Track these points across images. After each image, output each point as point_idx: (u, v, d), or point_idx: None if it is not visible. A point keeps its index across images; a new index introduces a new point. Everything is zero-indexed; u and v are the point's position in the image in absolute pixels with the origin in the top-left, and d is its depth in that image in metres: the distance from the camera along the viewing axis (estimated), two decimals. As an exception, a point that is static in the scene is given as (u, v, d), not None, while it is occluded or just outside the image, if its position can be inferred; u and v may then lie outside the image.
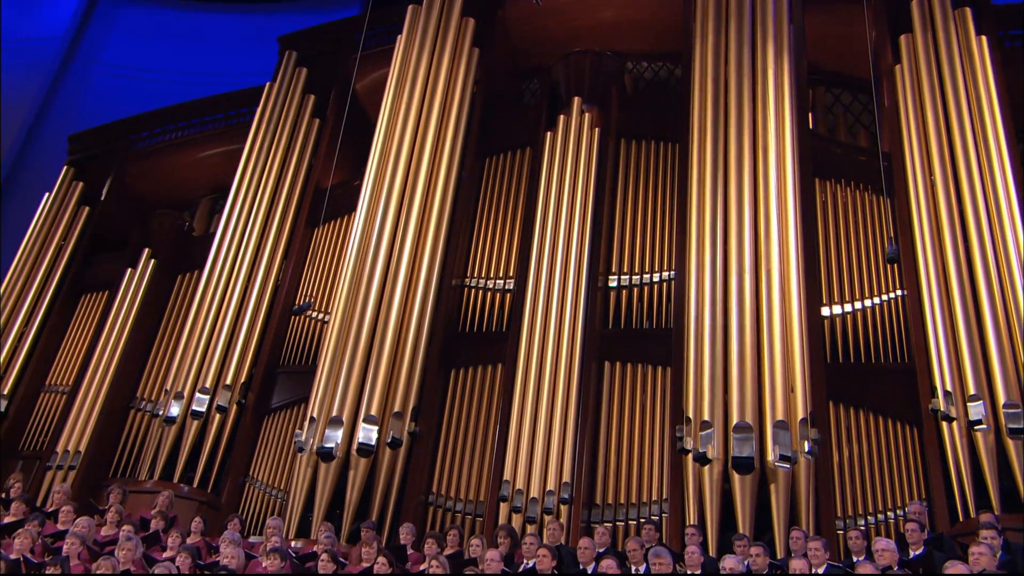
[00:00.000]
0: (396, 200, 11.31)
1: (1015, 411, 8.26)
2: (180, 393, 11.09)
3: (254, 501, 10.94)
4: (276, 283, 12.18)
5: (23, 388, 12.49)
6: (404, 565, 7.69)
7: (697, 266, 10.03)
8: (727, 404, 9.14)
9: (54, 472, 11.36)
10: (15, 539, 7.14)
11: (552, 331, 10.36)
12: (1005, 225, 9.33)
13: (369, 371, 10.26)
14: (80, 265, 13.61)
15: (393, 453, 9.90)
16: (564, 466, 9.54)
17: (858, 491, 9.26)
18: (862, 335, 10.05)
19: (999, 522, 7.09)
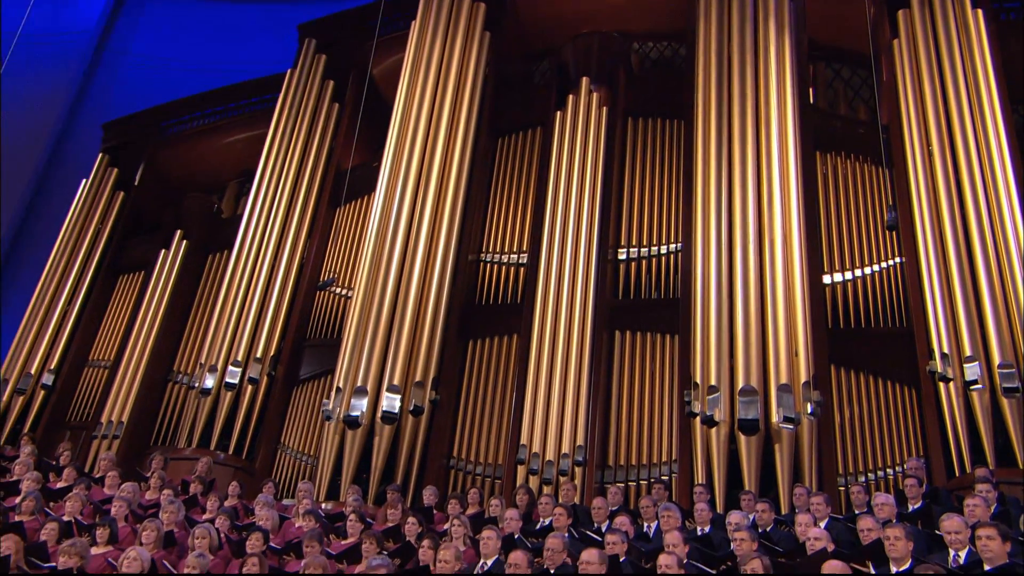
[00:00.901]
0: (413, 180, 11.30)
1: (1009, 371, 8.24)
2: (214, 366, 11.20)
3: (286, 466, 11.08)
4: (301, 261, 12.23)
5: (68, 363, 12.64)
6: (429, 524, 7.78)
7: (703, 238, 10.01)
8: (733, 369, 9.16)
9: (99, 441, 11.55)
10: (66, 502, 7.29)
11: (564, 302, 10.37)
12: (1000, 193, 9.24)
13: (391, 343, 10.32)
14: (117, 247, 13.72)
15: (415, 420, 9.98)
16: (578, 430, 9.60)
17: (859, 449, 9.28)
18: (862, 301, 10.02)
19: (993, 476, 7.09)
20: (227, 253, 12.59)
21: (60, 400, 12.40)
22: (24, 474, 8.16)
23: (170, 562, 6.00)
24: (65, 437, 11.51)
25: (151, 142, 14.48)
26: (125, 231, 13.86)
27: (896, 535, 4.88)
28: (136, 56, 17.69)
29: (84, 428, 12.04)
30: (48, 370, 12.38)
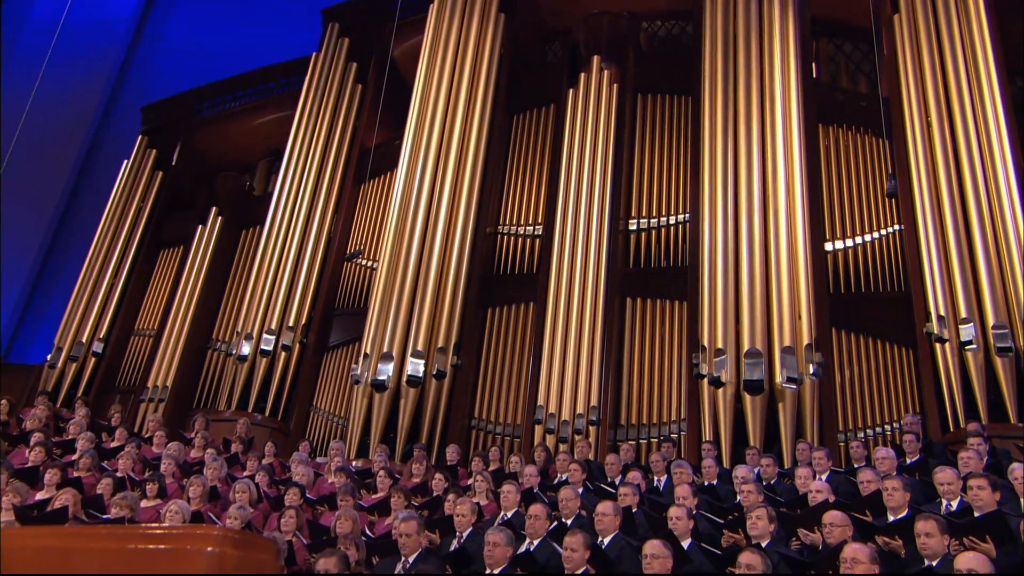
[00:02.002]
0: (433, 156, 11.29)
1: (1003, 331, 8.21)
2: (250, 334, 11.33)
3: (318, 427, 11.23)
4: (329, 235, 12.29)
5: (116, 332, 12.82)
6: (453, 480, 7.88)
7: (710, 208, 9.97)
8: (739, 333, 9.17)
9: (146, 404, 11.76)
10: (119, 460, 7.45)
11: (578, 271, 10.38)
12: (996, 162, 9.11)
13: (415, 311, 10.39)
14: (157, 224, 13.83)
15: (438, 383, 10.07)
16: (591, 391, 9.66)
17: (858, 407, 9.29)
18: (862, 267, 9.96)
19: (986, 430, 7.10)
20: (259, 228, 12.65)
21: (109, 366, 12.60)
22: (79, 434, 8.32)
23: (214, 514, 6.14)
24: (115, 400, 11.69)
25: (186, 124, 14.53)
26: (164, 208, 13.96)
27: (894, 486, 4.91)
28: (170, 42, 17.67)
29: (132, 392, 12.25)
30: (98, 339, 12.57)
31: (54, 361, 12.34)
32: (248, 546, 0.94)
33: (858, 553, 3.75)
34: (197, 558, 0.90)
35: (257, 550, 0.95)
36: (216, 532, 0.95)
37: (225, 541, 0.92)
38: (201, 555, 0.90)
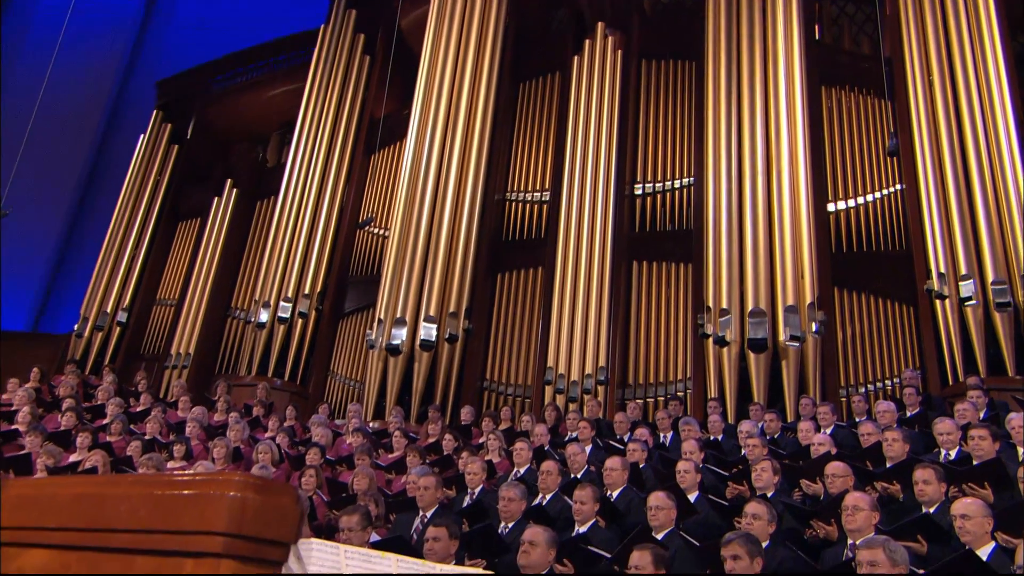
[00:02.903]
0: (441, 126, 11.21)
1: (1002, 287, 8.16)
2: (267, 302, 11.38)
3: (335, 391, 11.34)
4: (341, 205, 12.27)
5: (139, 302, 12.89)
6: (466, 439, 7.96)
7: (714, 171, 9.89)
8: (743, 293, 9.15)
9: (170, 370, 11.88)
10: (146, 423, 7.56)
11: (585, 236, 10.36)
12: (998, 119, 8.97)
13: (426, 278, 10.41)
14: (175, 196, 13.81)
15: (451, 347, 10.12)
16: (600, 352, 9.69)
17: (859, 363, 9.29)
18: (864, 226, 9.88)
19: (984, 383, 7.09)
20: (273, 199, 12.64)
21: (134, 335, 12.70)
22: (107, 400, 8.44)
23: (239, 474, 6.23)
24: (140, 367, 11.80)
25: (200, 98, 14.44)
26: (181, 181, 13.93)
27: (894, 437, 4.94)
28: (182, 17, 17.50)
29: (156, 359, 12.36)
30: (122, 308, 12.65)
31: (81, 331, 12.46)
32: (269, 491, 0.96)
33: (859, 501, 3.78)
34: (220, 502, 0.92)
35: (278, 495, 0.97)
36: (238, 478, 0.97)
37: (247, 487, 0.93)
38: (224, 499, 0.92)
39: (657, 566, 3.50)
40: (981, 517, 3.41)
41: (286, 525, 0.99)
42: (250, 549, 0.96)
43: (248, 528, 0.95)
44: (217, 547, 0.94)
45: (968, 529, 3.39)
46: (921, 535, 3.74)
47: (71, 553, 1.05)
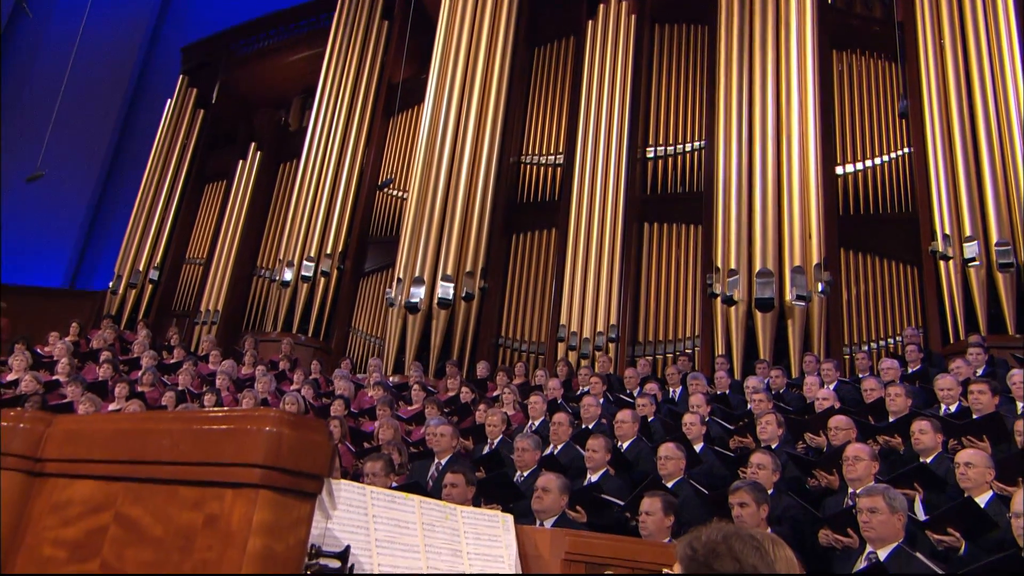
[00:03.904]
0: (458, 90, 11.09)
1: (1005, 248, 8.06)
2: (291, 262, 11.43)
3: (357, 346, 11.43)
4: (361, 167, 12.21)
5: (169, 261, 12.96)
6: (482, 393, 8.04)
7: (725, 135, 9.75)
8: (751, 254, 9.09)
9: (200, 326, 11.99)
10: (179, 376, 7.68)
11: (598, 198, 10.28)
12: (1008, 82, 8.75)
13: (444, 238, 10.40)
14: (201, 159, 13.78)
15: (467, 305, 10.15)
16: (611, 311, 9.69)
17: (863, 322, 9.25)
18: (871, 189, 9.75)
19: (985, 341, 7.04)
20: (296, 162, 12.60)
21: (165, 292, 12.79)
22: (142, 353, 8.56)
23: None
24: (172, 323, 11.92)
25: (224, 63, 14.31)
26: (207, 144, 13.89)
27: (896, 392, 4.93)
28: (204, -16, 17.27)
29: (187, 316, 12.48)
30: (153, 267, 12.74)
31: (115, 288, 12.59)
32: (303, 427, 0.97)
33: (860, 451, 3.79)
34: (257, 436, 0.93)
35: (311, 431, 0.98)
36: (274, 413, 0.98)
37: (282, 422, 0.94)
38: (260, 434, 0.93)
39: (666, 512, 3.54)
40: (984, 467, 3.42)
41: (319, 459, 1.01)
42: (286, 481, 0.97)
43: (284, 461, 0.96)
44: (255, 478, 0.95)
45: (970, 476, 3.40)
46: (918, 483, 3.76)
47: (117, 484, 1.07)
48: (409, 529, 2.08)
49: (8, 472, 1.13)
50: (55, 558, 1.07)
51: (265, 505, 0.95)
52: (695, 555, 1.37)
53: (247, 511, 0.94)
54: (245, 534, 0.93)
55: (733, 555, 1.34)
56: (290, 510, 0.98)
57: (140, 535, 1.01)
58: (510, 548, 2.30)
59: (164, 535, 0.99)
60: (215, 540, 0.95)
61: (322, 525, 1.53)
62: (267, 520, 0.95)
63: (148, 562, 0.99)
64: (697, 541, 1.40)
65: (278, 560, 0.95)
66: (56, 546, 1.08)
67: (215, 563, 0.93)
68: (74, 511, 1.09)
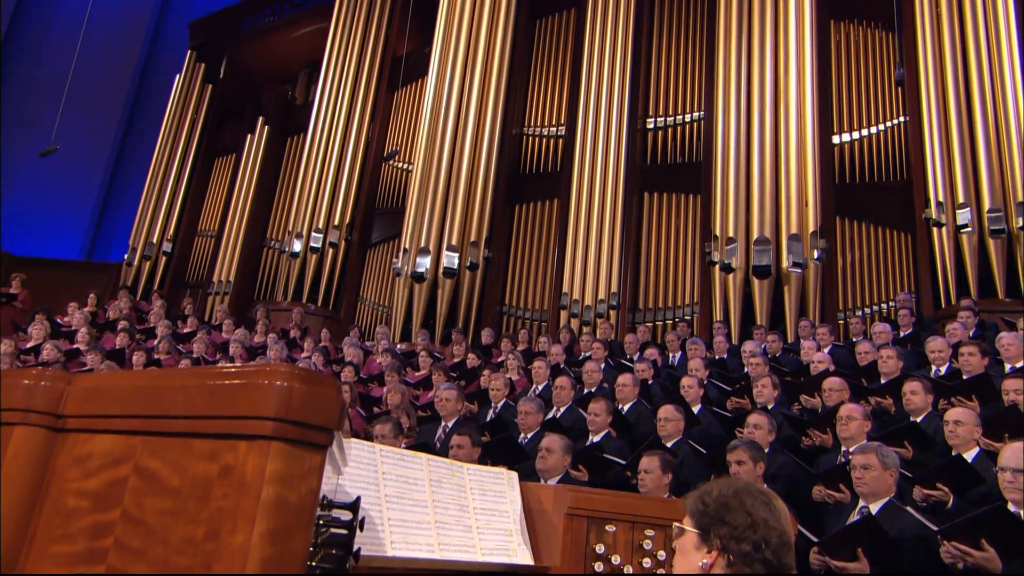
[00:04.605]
0: (461, 63, 10.99)
1: (997, 214, 8.02)
2: (300, 233, 11.42)
3: (365, 315, 11.47)
4: (367, 140, 12.14)
5: (182, 233, 12.96)
6: (487, 359, 8.08)
7: (724, 105, 9.66)
8: (749, 222, 9.06)
9: (213, 297, 12.02)
10: (193, 344, 7.72)
11: (599, 169, 10.23)
12: (1003, 51, 8.62)
13: (448, 209, 10.38)
14: (211, 134, 13.70)
15: (472, 274, 10.16)
16: (612, 279, 9.69)
17: (858, 288, 9.24)
18: (867, 157, 9.66)
19: (976, 305, 7.04)
20: (303, 135, 12.53)
21: (178, 264, 12.82)
22: (158, 322, 8.61)
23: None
24: (186, 293, 11.98)
25: (231, 38, 14.16)
26: (216, 119, 13.80)
27: (888, 354, 4.94)
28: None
29: (200, 286, 12.51)
30: (167, 239, 12.75)
31: (130, 260, 12.62)
32: (313, 381, 0.97)
33: (853, 411, 3.81)
34: (269, 390, 0.94)
35: (321, 385, 0.98)
36: (284, 368, 0.98)
37: (293, 376, 0.95)
38: (272, 388, 0.94)
39: (664, 470, 3.58)
40: (972, 425, 3.44)
41: (329, 412, 1.01)
42: (298, 433, 0.98)
43: (295, 413, 0.97)
44: (268, 430, 0.96)
45: (958, 434, 3.42)
46: (908, 441, 3.79)
47: (135, 438, 1.08)
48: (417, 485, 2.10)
49: (32, 428, 1.14)
50: (79, 508, 1.08)
51: (278, 456, 0.96)
52: (706, 509, 1.40)
53: (260, 462, 0.96)
54: (259, 483, 0.95)
55: (744, 508, 1.36)
56: (302, 461, 0.99)
57: (159, 485, 1.03)
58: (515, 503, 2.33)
59: (181, 485, 1.01)
60: (230, 489, 0.96)
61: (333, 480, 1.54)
62: (280, 470, 0.96)
63: (167, 510, 1.00)
64: (708, 496, 1.42)
65: (291, 508, 0.97)
66: (79, 497, 1.09)
67: (231, 511, 0.95)
68: (95, 464, 1.10)
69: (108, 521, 1.04)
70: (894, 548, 2.72)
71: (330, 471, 1.30)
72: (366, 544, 1.71)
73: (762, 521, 1.34)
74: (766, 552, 1.32)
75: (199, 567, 0.94)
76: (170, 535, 0.99)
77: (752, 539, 1.33)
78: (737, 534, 1.34)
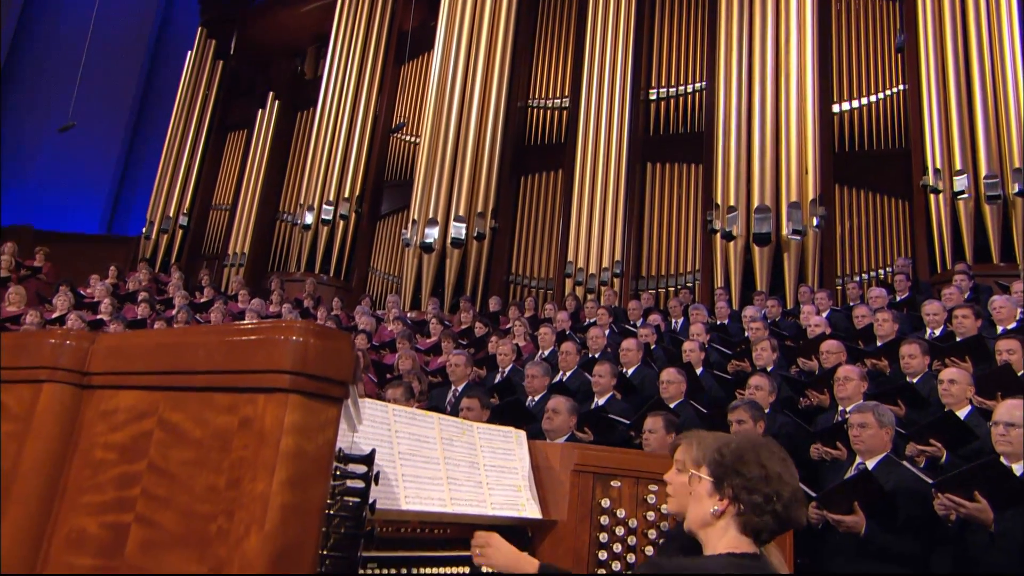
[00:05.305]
0: (467, 37, 10.85)
1: (994, 181, 7.94)
2: (311, 206, 11.40)
3: (376, 285, 11.48)
4: (375, 114, 12.04)
5: (197, 207, 12.92)
6: (495, 326, 8.10)
7: (725, 76, 9.53)
8: (749, 191, 8.99)
9: (229, 268, 12.01)
10: (210, 314, 7.76)
11: (602, 139, 10.14)
12: (1003, 17, 8.41)
13: (455, 181, 10.34)
14: (223, 109, 13.57)
15: (479, 244, 10.14)
16: (616, 247, 9.67)
17: (856, 254, 9.18)
18: (867, 126, 9.53)
19: (971, 270, 7.00)
20: (312, 110, 12.42)
21: (195, 236, 12.81)
22: (175, 293, 8.65)
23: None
24: (203, 265, 12.00)
25: (240, 14, 13.95)
26: (227, 95, 13.66)
27: (884, 317, 4.93)
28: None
29: (216, 258, 12.50)
30: (182, 213, 12.74)
31: (148, 233, 12.64)
32: (327, 336, 0.98)
33: (850, 372, 3.82)
34: (285, 345, 0.94)
35: (336, 340, 0.99)
36: (299, 324, 0.98)
37: (308, 332, 0.95)
38: (288, 343, 0.94)
39: (668, 430, 3.60)
40: (965, 384, 3.44)
41: (344, 366, 1.02)
42: (314, 386, 0.99)
43: (311, 367, 0.98)
44: (285, 383, 0.97)
45: (952, 393, 3.43)
46: (902, 401, 3.80)
47: (158, 393, 1.09)
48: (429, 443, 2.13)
49: (59, 385, 1.16)
50: (107, 460, 1.10)
51: (295, 408, 0.97)
52: (723, 460, 1.42)
53: (279, 413, 0.97)
54: (277, 434, 0.96)
55: (759, 462, 1.38)
56: (318, 413, 1.00)
57: (182, 437, 1.04)
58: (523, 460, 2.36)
59: (203, 437, 1.02)
60: (250, 439, 0.97)
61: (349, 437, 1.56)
62: (297, 421, 0.97)
63: (190, 460, 1.02)
64: (726, 448, 1.44)
65: (309, 458, 0.98)
66: (107, 449, 1.11)
67: (251, 460, 0.96)
68: (121, 418, 1.12)
69: (135, 472, 1.06)
70: (889, 501, 2.75)
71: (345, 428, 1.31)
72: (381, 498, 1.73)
73: (776, 476, 1.36)
74: (776, 505, 1.35)
75: (222, 514, 0.96)
76: (194, 484, 1.00)
77: (764, 491, 1.35)
78: (750, 485, 1.37)
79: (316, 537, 0.98)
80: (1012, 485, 2.47)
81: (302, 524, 0.95)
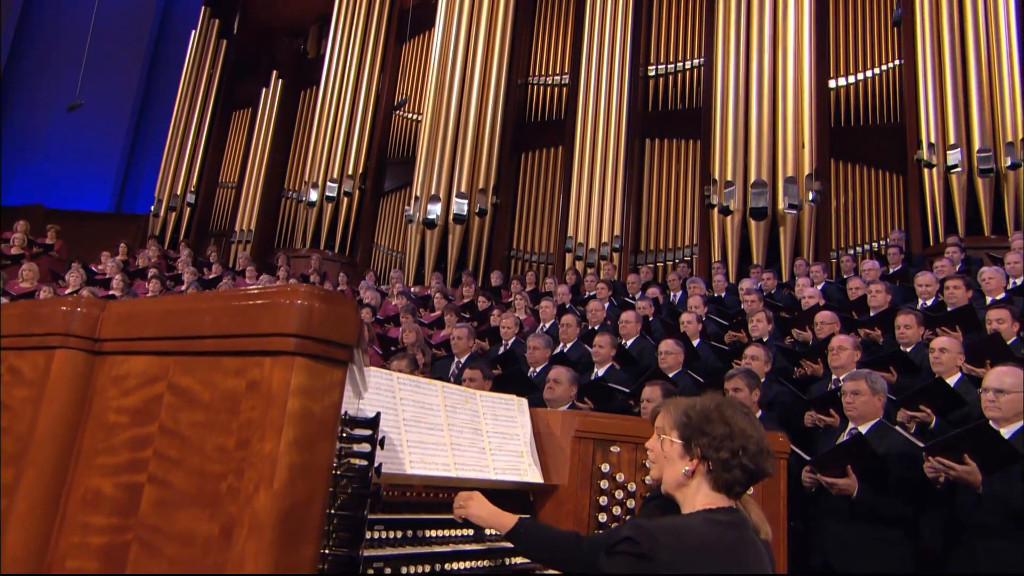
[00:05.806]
0: (467, 14, 10.72)
1: (987, 154, 7.89)
2: (316, 183, 11.35)
3: (380, 260, 11.48)
4: (377, 92, 11.93)
5: (204, 185, 12.87)
6: (497, 299, 8.11)
7: (723, 52, 9.42)
8: (746, 166, 8.93)
9: (236, 245, 12.00)
10: (219, 290, 7.76)
11: (602, 116, 10.06)
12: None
13: (457, 157, 10.28)
14: (227, 88, 13.45)
15: (481, 220, 10.12)
16: (615, 222, 9.64)
17: (850, 228, 9.15)
18: (862, 101, 9.43)
19: (962, 242, 6.97)
20: (315, 88, 12.31)
21: (202, 214, 12.77)
22: (184, 270, 8.65)
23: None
24: (211, 242, 11.99)
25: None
26: (231, 74, 13.54)
27: (877, 288, 4.93)
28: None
29: (223, 235, 12.49)
30: (190, 191, 12.69)
31: (157, 211, 12.61)
32: (332, 300, 0.97)
33: (844, 342, 3.82)
34: (290, 309, 0.94)
35: (340, 304, 0.98)
36: (304, 288, 0.98)
37: (313, 296, 0.95)
38: (294, 306, 0.94)
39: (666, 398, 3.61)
40: (955, 352, 3.45)
41: (348, 329, 1.02)
42: (319, 349, 0.99)
43: (316, 331, 0.98)
44: (291, 346, 0.97)
45: (943, 360, 3.43)
46: (894, 368, 3.81)
47: (168, 358, 1.09)
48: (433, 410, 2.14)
49: (71, 351, 1.16)
50: (119, 423, 1.11)
51: (301, 370, 0.97)
52: (689, 421, 1.44)
53: (285, 376, 0.97)
54: (284, 396, 0.96)
55: (723, 419, 1.41)
56: (323, 375, 1.00)
57: (191, 400, 1.05)
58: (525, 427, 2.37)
59: (212, 399, 1.02)
60: (258, 401, 0.97)
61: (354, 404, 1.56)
62: (303, 383, 0.97)
63: (201, 423, 1.02)
64: (692, 409, 1.46)
65: (315, 419, 0.98)
66: (119, 413, 1.11)
67: (259, 421, 0.97)
68: (132, 383, 1.12)
69: (147, 434, 1.07)
70: (881, 465, 2.77)
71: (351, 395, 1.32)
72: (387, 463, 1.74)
73: (739, 431, 1.39)
74: (744, 459, 1.38)
75: (232, 473, 0.97)
76: (204, 445, 1.01)
77: (730, 447, 1.38)
78: (716, 443, 1.39)
79: (324, 495, 0.99)
80: (1000, 449, 2.49)
81: (310, 482, 0.96)
